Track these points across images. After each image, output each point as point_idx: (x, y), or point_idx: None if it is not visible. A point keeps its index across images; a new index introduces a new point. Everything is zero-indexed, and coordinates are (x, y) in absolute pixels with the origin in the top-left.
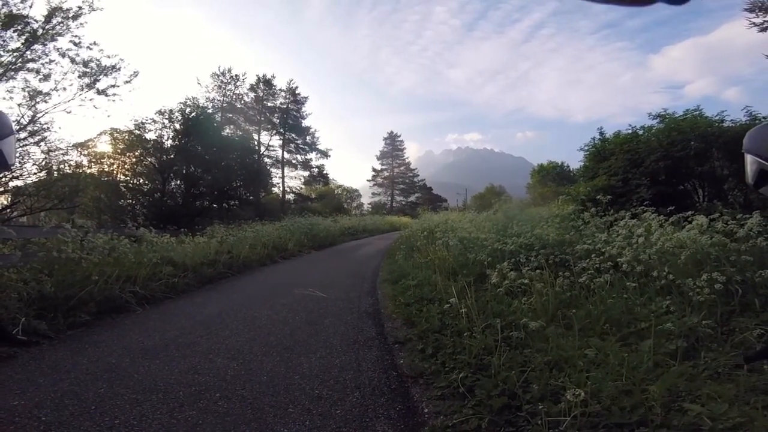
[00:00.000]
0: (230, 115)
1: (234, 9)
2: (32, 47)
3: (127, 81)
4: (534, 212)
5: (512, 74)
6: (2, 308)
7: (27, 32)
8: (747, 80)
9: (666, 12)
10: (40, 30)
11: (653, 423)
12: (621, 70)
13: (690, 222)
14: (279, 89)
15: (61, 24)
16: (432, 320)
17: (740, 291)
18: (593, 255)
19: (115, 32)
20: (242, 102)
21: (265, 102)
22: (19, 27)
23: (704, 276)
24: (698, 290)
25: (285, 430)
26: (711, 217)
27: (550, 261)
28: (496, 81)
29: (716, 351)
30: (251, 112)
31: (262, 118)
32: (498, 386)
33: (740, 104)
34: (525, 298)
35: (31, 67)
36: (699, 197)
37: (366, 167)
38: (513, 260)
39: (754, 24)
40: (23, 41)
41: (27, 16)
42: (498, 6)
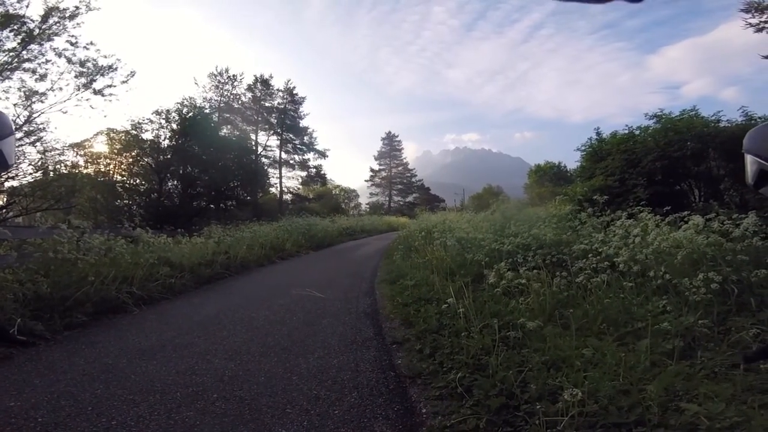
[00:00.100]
0: (227, 115)
1: (233, 9)
2: (28, 47)
3: (124, 81)
4: (531, 212)
5: (511, 74)
6: None
7: (23, 32)
8: (745, 80)
9: (665, 12)
10: (37, 30)
11: (650, 422)
12: (619, 71)
13: (686, 222)
14: (276, 89)
15: (58, 24)
16: (430, 320)
17: (736, 291)
18: (590, 255)
19: (113, 32)
20: (240, 102)
21: (263, 102)
22: (16, 27)
23: (700, 276)
24: (695, 290)
25: (283, 431)
26: (707, 217)
27: (547, 261)
28: (495, 81)
29: (713, 350)
30: (249, 112)
31: (260, 118)
32: (496, 386)
33: (738, 104)
34: (522, 298)
35: (28, 67)
36: (695, 197)
37: (364, 167)
38: (510, 260)
39: (751, 24)
40: (19, 41)
41: (23, 16)
42: (497, 6)
